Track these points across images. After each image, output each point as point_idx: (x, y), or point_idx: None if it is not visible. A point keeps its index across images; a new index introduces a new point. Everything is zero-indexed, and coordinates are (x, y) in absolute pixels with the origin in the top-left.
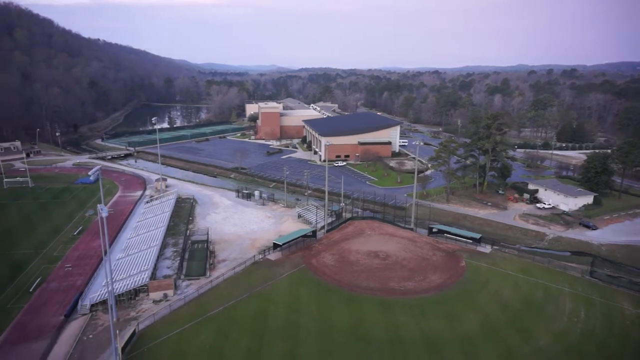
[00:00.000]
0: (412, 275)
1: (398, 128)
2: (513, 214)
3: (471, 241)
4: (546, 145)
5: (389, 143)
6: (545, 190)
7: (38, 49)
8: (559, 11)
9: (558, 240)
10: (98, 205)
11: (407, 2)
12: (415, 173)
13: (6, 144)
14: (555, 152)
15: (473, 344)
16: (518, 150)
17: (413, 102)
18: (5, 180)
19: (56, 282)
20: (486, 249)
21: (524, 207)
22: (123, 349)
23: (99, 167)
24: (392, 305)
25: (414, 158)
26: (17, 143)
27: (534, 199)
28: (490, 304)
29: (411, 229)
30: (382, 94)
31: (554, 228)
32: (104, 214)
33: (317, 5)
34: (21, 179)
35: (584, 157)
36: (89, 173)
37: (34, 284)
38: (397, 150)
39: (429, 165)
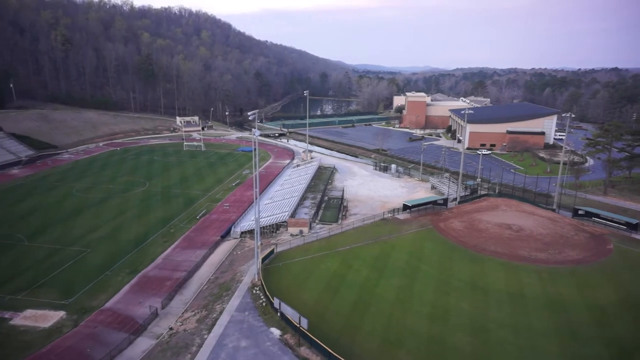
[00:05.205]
0: (546, 248)
1: (554, 118)
2: None
3: (625, 227)
4: None
5: (542, 133)
6: None
7: (217, 46)
8: None
9: None
10: (253, 129)
11: None
12: (563, 149)
13: (188, 118)
14: None
15: (606, 313)
16: None
17: (579, 98)
18: (185, 144)
19: (216, 215)
20: None
21: None
22: (263, 260)
23: (256, 111)
24: (518, 268)
25: (569, 150)
26: (196, 118)
27: None
28: (635, 284)
29: (552, 210)
30: (544, 91)
31: None
32: (257, 134)
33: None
34: (197, 144)
35: None
36: (248, 114)
37: (200, 214)
38: (551, 142)
39: (585, 152)
